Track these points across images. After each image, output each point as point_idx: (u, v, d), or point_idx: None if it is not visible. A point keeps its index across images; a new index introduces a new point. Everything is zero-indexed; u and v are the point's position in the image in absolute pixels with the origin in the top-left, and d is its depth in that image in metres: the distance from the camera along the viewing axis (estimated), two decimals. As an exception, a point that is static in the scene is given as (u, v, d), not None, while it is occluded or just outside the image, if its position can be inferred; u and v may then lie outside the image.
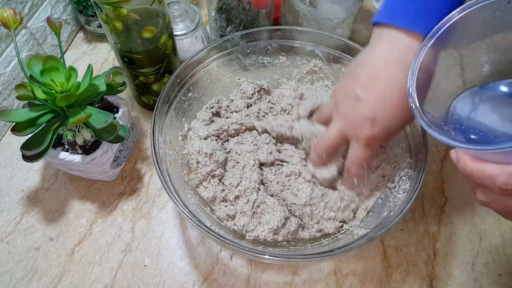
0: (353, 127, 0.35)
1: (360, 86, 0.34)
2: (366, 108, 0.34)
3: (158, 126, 0.43)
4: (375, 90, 0.33)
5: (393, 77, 0.32)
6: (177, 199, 0.38)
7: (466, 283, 0.44)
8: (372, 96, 0.33)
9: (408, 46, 0.32)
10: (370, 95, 0.33)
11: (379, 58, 0.33)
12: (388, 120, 0.34)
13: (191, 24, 0.58)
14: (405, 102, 0.31)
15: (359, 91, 0.34)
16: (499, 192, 0.24)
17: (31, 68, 0.41)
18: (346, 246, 0.36)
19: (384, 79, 0.33)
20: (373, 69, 0.33)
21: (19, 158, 0.53)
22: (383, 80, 0.33)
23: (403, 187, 0.41)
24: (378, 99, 0.33)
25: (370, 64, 0.34)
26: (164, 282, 0.44)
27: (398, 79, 0.32)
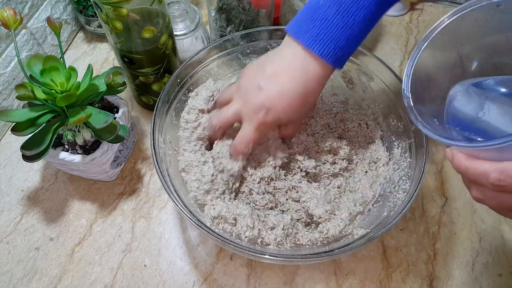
0: (249, 110, 0.40)
1: (264, 78, 0.39)
2: (264, 98, 0.38)
3: (158, 126, 0.43)
4: (275, 85, 0.38)
5: (292, 80, 0.38)
6: (177, 199, 0.38)
7: (466, 283, 0.44)
8: (272, 89, 0.38)
9: (306, 60, 0.37)
10: (270, 88, 0.38)
11: (284, 61, 0.38)
12: (279, 113, 0.39)
13: (191, 24, 0.58)
14: (295, 101, 0.38)
15: (262, 82, 0.39)
16: (493, 189, 0.25)
17: (31, 68, 0.41)
18: (346, 246, 0.36)
19: (284, 78, 0.38)
20: (278, 67, 0.38)
21: (19, 158, 0.53)
22: (283, 79, 0.38)
23: (403, 187, 0.41)
24: (276, 93, 0.38)
25: (277, 63, 0.39)
26: (164, 282, 0.44)
27: (294, 82, 0.38)
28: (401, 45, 0.66)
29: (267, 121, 0.39)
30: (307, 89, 0.38)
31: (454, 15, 0.31)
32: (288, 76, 0.38)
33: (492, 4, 0.29)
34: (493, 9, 0.29)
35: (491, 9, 0.29)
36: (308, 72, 0.37)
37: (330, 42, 0.36)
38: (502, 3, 0.29)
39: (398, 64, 0.63)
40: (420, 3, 0.72)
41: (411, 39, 0.67)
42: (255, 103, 0.39)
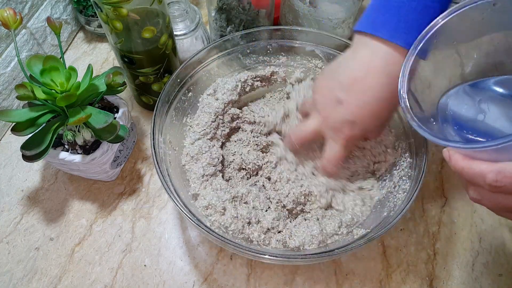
0: (332, 128, 0.37)
1: (342, 89, 0.36)
2: (346, 112, 0.36)
3: (158, 126, 0.43)
4: (356, 94, 0.35)
5: (373, 85, 0.34)
6: (177, 199, 0.38)
7: (466, 283, 0.44)
8: (353, 101, 0.35)
9: (389, 57, 0.33)
10: (351, 100, 0.35)
11: (362, 65, 0.35)
12: (366, 124, 0.36)
13: (191, 24, 0.58)
14: (381, 108, 0.35)
15: (340, 95, 0.36)
16: (489, 189, 0.25)
17: (31, 68, 0.41)
18: (346, 246, 0.36)
19: (365, 85, 0.34)
20: (355, 74, 0.35)
21: (19, 158, 0.53)
22: (364, 87, 0.35)
23: (403, 187, 0.41)
24: (358, 104, 0.35)
25: (353, 69, 0.35)
26: (164, 282, 0.44)
27: (377, 88, 0.34)
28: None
29: (354, 135, 0.37)
30: (393, 92, 0.34)
31: (450, 15, 0.31)
32: (367, 82, 0.34)
33: (488, 3, 0.29)
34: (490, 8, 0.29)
35: (487, 8, 0.29)
36: (391, 72, 0.33)
37: (413, 29, 0.32)
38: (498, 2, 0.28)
39: (398, 64, 0.63)
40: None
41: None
42: (337, 119, 0.36)
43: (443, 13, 0.31)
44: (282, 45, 0.51)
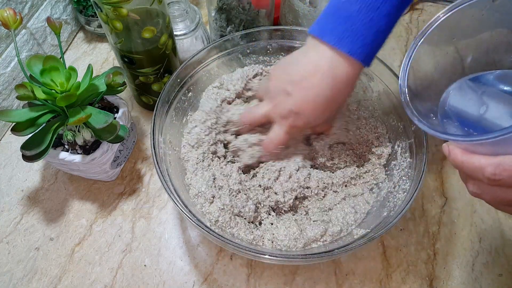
0: (279, 114, 0.41)
1: (291, 83, 0.39)
2: (292, 103, 0.39)
3: (158, 126, 0.43)
4: (302, 90, 0.38)
5: (318, 84, 0.37)
6: (177, 199, 0.38)
7: (466, 283, 0.44)
8: (299, 95, 0.39)
9: (334, 61, 0.36)
10: (297, 93, 0.39)
11: (310, 64, 0.38)
12: (308, 116, 0.39)
13: (191, 24, 0.58)
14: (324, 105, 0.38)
15: (289, 87, 0.39)
16: (488, 183, 0.25)
17: (31, 68, 0.41)
18: (346, 246, 0.36)
19: (311, 83, 0.38)
20: (304, 72, 0.38)
21: (19, 158, 0.53)
22: (310, 84, 0.38)
23: (403, 187, 0.41)
24: (303, 98, 0.39)
25: (303, 67, 0.38)
26: (164, 282, 0.44)
27: (322, 87, 0.37)
28: (401, 45, 0.66)
29: (297, 125, 0.41)
30: (335, 91, 0.38)
31: (450, 11, 0.31)
32: (315, 81, 0.37)
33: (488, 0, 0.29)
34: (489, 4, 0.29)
35: (487, 4, 0.29)
36: (336, 75, 0.37)
37: (357, 39, 0.35)
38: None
39: (398, 64, 0.63)
40: (420, 3, 0.72)
41: (411, 39, 0.67)
42: (284, 108, 0.40)
43: (444, 9, 0.31)
44: (282, 45, 0.51)
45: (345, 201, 0.44)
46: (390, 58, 0.64)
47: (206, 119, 0.47)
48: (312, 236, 0.40)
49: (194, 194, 0.42)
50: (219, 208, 0.41)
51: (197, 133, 0.46)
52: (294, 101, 0.39)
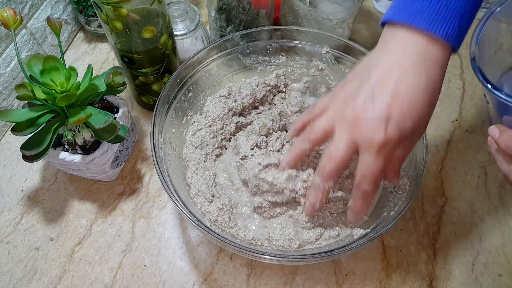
0: (365, 131, 0.30)
1: (372, 84, 0.30)
2: (380, 105, 0.29)
3: (158, 126, 0.43)
4: (389, 86, 0.30)
5: (410, 72, 0.29)
6: (177, 199, 0.38)
7: (466, 283, 0.44)
8: (387, 92, 0.29)
9: (423, 46, 0.29)
10: (384, 91, 0.30)
11: (395, 55, 0.30)
12: (404, 118, 0.29)
13: (191, 24, 0.58)
14: (421, 98, 0.29)
15: (371, 90, 0.30)
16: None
17: (31, 68, 0.41)
18: (346, 246, 0.36)
19: (400, 75, 0.29)
20: (388, 65, 0.30)
21: (19, 158, 0.53)
22: (399, 76, 0.30)
23: (403, 187, 0.41)
24: (393, 94, 0.29)
25: (385, 60, 0.31)
26: (164, 282, 0.44)
27: (416, 75, 0.29)
28: (401, 45, 0.66)
29: (389, 137, 0.30)
30: (431, 78, 0.30)
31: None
32: (403, 70, 0.30)
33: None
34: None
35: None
36: (427, 59, 0.29)
37: (454, 17, 0.29)
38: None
39: (398, 64, 0.63)
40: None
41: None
42: (369, 116, 0.30)
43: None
44: (282, 45, 0.51)
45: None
46: (390, 58, 0.64)
47: (212, 124, 0.47)
48: (307, 239, 0.40)
49: (194, 193, 0.43)
50: (218, 208, 0.41)
51: (202, 136, 0.46)
52: (381, 101, 0.29)
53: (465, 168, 0.52)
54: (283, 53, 0.52)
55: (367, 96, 0.30)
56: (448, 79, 0.61)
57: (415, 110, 0.29)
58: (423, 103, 0.30)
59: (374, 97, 0.30)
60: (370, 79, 0.31)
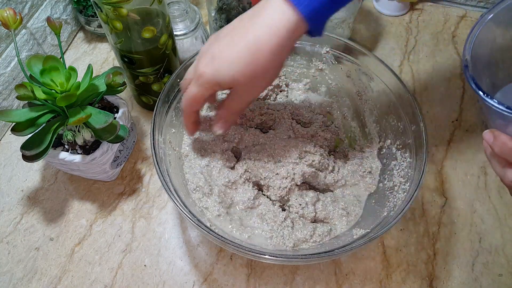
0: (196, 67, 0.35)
1: (223, 30, 0.34)
2: (214, 47, 0.33)
3: (158, 126, 0.43)
4: (230, 37, 0.33)
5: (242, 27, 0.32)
6: (177, 199, 0.38)
7: (466, 283, 0.44)
8: (223, 42, 0.33)
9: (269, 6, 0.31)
10: (223, 40, 0.33)
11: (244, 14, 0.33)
12: (222, 64, 0.32)
13: (191, 24, 0.58)
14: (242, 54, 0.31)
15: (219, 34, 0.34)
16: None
17: (31, 68, 0.41)
18: (346, 246, 0.36)
19: (243, 31, 0.32)
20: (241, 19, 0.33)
21: (19, 158, 0.53)
22: (235, 32, 0.33)
23: (403, 187, 0.41)
24: (227, 45, 0.32)
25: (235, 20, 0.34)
26: (164, 282, 0.44)
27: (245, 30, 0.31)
28: (401, 45, 0.66)
29: (206, 72, 0.33)
30: (259, 38, 0.31)
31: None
32: (240, 25, 0.32)
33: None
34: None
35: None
36: (264, 17, 0.31)
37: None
38: None
39: (398, 64, 0.63)
40: (420, 3, 0.72)
41: (411, 39, 0.67)
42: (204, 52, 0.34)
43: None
44: (282, 45, 0.51)
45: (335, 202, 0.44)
46: (390, 58, 0.64)
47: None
48: (302, 237, 0.40)
49: (192, 189, 0.43)
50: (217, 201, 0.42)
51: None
52: (215, 45, 0.33)
53: (465, 168, 0.52)
54: (283, 53, 0.52)
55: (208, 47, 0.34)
56: (448, 79, 0.61)
57: (234, 64, 0.32)
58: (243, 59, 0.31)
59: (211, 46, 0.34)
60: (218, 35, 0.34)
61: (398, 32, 0.68)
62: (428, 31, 0.68)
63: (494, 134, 0.27)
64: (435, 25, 0.69)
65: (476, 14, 0.70)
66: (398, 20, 0.70)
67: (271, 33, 0.31)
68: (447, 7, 0.71)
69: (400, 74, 0.62)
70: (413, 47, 0.65)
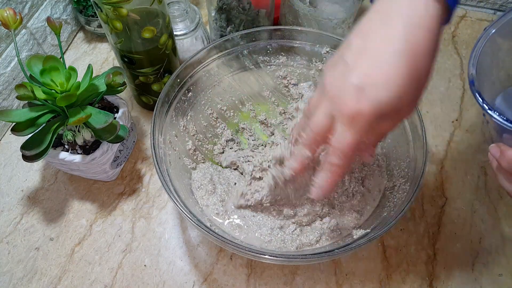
0: (337, 101, 0.27)
1: (351, 51, 0.27)
2: (352, 75, 0.26)
3: (158, 126, 0.43)
4: (368, 53, 0.26)
5: (387, 35, 0.25)
6: (177, 199, 0.38)
7: (466, 283, 0.44)
8: (364, 61, 0.26)
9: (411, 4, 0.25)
10: (361, 60, 0.26)
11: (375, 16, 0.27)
12: (379, 90, 0.25)
13: (191, 24, 0.58)
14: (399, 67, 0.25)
15: (348, 58, 0.27)
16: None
17: (31, 68, 0.41)
18: (346, 246, 0.36)
19: (380, 38, 0.26)
20: (368, 29, 0.27)
21: (19, 158, 0.53)
22: (375, 41, 0.26)
23: (403, 187, 0.41)
24: (370, 63, 0.26)
25: (365, 25, 0.27)
26: (164, 282, 0.44)
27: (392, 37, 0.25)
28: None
29: (361, 108, 0.26)
30: (413, 42, 0.25)
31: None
32: (380, 33, 0.26)
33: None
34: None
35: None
36: (409, 16, 0.25)
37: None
38: None
39: (398, 64, 0.63)
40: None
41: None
42: (341, 85, 0.27)
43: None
44: (282, 45, 0.51)
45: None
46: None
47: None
48: (307, 242, 0.40)
49: (197, 187, 0.44)
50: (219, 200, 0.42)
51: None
52: (355, 71, 0.26)
53: (465, 168, 0.52)
54: (283, 53, 0.52)
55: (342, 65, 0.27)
56: (448, 79, 0.61)
57: (392, 82, 0.25)
58: (402, 73, 0.25)
59: (349, 66, 0.27)
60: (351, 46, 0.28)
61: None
62: (428, 31, 0.68)
63: (501, 148, 0.27)
64: (435, 25, 0.69)
65: (476, 14, 0.70)
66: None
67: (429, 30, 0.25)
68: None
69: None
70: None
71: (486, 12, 0.69)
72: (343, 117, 0.27)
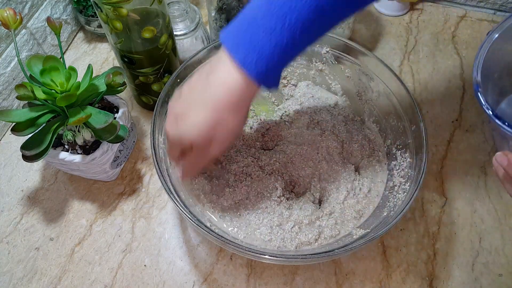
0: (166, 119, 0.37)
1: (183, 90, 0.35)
2: (175, 105, 0.35)
3: (158, 126, 0.43)
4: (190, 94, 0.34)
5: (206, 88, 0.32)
6: (177, 199, 0.38)
7: (466, 283, 0.44)
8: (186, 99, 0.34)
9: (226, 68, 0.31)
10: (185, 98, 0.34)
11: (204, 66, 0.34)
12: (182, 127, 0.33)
13: (191, 24, 0.58)
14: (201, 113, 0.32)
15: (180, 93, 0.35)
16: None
17: (31, 68, 0.41)
18: (346, 246, 0.36)
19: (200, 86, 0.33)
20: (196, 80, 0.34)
21: (19, 158, 0.53)
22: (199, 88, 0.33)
23: (403, 187, 0.41)
24: (189, 102, 0.33)
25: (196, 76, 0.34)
26: (164, 282, 0.44)
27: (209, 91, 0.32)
28: (401, 45, 0.66)
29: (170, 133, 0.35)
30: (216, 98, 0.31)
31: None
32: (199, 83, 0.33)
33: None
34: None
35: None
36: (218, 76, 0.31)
37: (253, 48, 0.29)
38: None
39: (398, 64, 0.63)
40: (420, 3, 0.72)
41: (411, 39, 0.67)
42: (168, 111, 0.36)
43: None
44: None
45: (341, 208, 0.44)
46: (390, 58, 0.64)
47: None
48: (306, 240, 0.40)
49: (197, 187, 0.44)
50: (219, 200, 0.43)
51: None
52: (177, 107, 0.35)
53: (465, 168, 0.52)
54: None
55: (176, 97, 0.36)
56: (448, 79, 0.61)
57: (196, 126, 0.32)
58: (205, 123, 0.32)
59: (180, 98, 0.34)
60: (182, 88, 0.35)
61: (398, 32, 0.68)
62: (428, 31, 0.68)
63: (508, 156, 0.27)
64: (435, 25, 0.69)
65: (476, 14, 0.70)
66: (398, 20, 0.70)
67: (227, 93, 0.31)
68: (447, 7, 0.71)
69: (400, 74, 0.62)
70: (413, 47, 0.65)
71: (486, 12, 0.69)
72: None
